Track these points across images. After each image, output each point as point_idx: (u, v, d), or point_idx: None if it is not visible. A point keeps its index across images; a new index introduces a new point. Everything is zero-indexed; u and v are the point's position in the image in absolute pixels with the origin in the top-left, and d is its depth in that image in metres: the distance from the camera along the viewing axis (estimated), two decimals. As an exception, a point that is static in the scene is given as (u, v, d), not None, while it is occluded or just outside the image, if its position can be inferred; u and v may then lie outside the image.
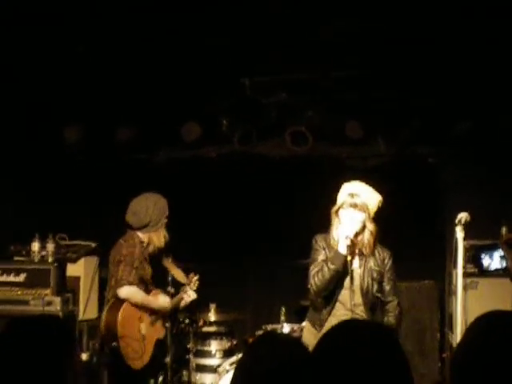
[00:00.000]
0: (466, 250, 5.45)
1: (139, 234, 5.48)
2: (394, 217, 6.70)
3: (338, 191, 4.78)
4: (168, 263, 5.68)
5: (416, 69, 6.21)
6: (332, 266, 4.58)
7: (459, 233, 4.92)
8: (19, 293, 5.95)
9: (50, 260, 6.12)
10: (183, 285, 5.71)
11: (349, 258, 4.58)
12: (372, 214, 4.73)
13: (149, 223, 5.46)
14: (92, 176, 7.14)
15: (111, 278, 5.41)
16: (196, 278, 5.74)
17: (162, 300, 5.52)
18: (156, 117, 6.87)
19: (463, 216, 4.92)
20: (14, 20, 5.72)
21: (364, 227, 4.70)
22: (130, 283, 5.30)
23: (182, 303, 5.72)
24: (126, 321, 5.32)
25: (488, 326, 1.97)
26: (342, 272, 4.62)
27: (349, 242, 4.58)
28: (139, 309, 5.39)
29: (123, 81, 6.55)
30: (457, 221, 4.94)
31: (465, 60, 6.05)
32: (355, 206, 4.64)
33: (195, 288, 5.71)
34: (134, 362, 5.37)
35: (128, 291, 5.31)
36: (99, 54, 6.24)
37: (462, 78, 6.23)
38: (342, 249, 4.59)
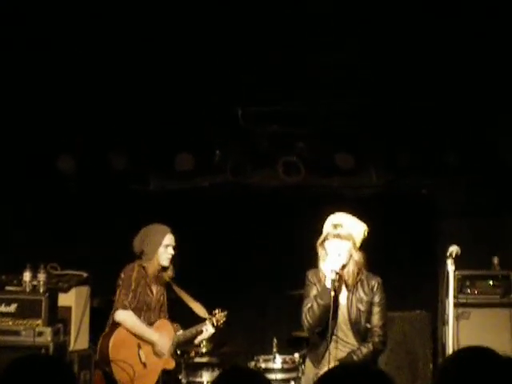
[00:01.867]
0: (457, 280, 5.46)
1: (142, 262, 5.50)
2: (386, 246, 6.74)
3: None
4: (185, 296, 5.65)
5: (406, 100, 6.27)
6: (321, 302, 4.55)
7: (450, 266, 4.93)
8: (10, 323, 5.90)
9: (41, 290, 6.08)
10: (203, 319, 5.61)
11: (332, 293, 4.54)
12: (358, 243, 4.71)
13: (142, 254, 5.47)
14: (84, 206, 7.14)
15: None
16: (224, 314, 5.63)
17: (158, 336, 5.41)
18: (149, 147, 6.90)
19: (454, 249, 4.93)
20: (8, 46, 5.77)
21: (350, 257, 4.68)
22: (124, 307, 5.30)
23: (199, 338, 5.60)
24: (120, 345, 5.30)
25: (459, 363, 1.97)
26: (332, 307, 4.59)
27: (334, 276, 4.55)
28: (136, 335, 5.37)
29: (116, 110, 6.58)
30: (448, 254, 4.95)
31: (453, 88, 6.11)
32: (339, 236, 4.64)
33: (220, 324, 5.59)
34: None
35: (121, 315, 5.32)
36: (92, 83, 6.28)
37: (452, 108, 6.29)
38: (328, 283, 4.57)
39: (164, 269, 5.51)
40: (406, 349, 6.45)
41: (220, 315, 5.56)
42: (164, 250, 5.45)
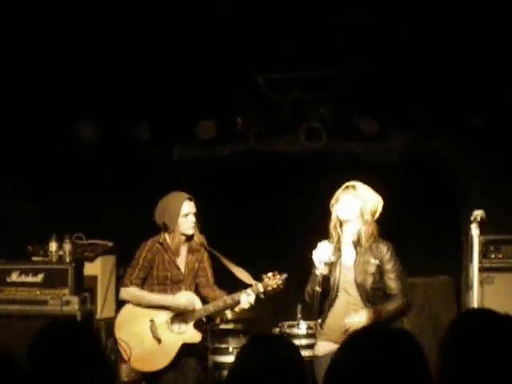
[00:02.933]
0: (482, 245, 5.44)
1: (166, 234, 5.32)
2: (409, 211, 6.71)
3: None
4: (227, 263, 5.36)
5: (429, 64, 6.20)
6: (316, 288, 4.73)
7: (474, 230, 4.93)
8: (38, 293, 6.00)
9: (67, 260, 6.17)
10: (247, 285, 5.23)
11: (318, 273, 4.69)
12: (371, 209, 4.74)
13: (164, 225, 5.29)
14: (108, 174, 7.17)
15: None
16: (278, 278, 5.19)
17: (176, 297, 5.18)
18: (171, 115, 6.89)
19: (478, 213, 4.93)
20: (25, 16, 5.77)
21: (360, 218, 4.73)
22: (125, 285, 5.26)
23: (240, 306, 5.21)
24: (124, 323, 5.24)
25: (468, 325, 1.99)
26: (326, 288, 4.75)
27: (324, 271, 4.68)
28: (150, 310, 5.24)
29: (140, 79, 6.58)
30: (472, 218, 4.94)
31: (477, 52, 6.03)
32: (349, 192, 4.72)
33: (271, 290, 5.16)
34: (136, 365, 5.28)
35: (122, 293, 5.30)
36: (118, 50, 6.27)
37: (475, 69, 6.21)
38: (318, 272, 4.72)
39: (190, 237, 5.31)
40: (429, 314, 6.46)
41: (272, 280, 5.16)
42: (184, 219, 5.21)
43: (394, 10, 5.81)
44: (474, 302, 5.09)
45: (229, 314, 6.04)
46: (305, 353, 5.91)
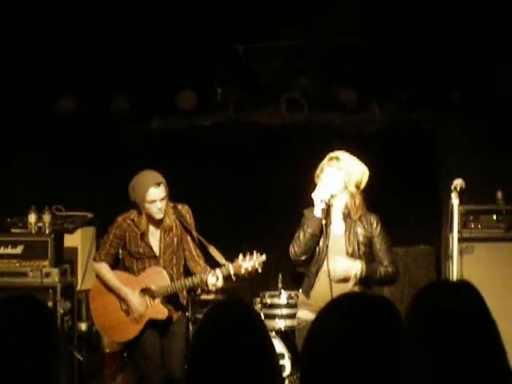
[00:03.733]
0: (461, 215, 5.48)
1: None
2: (389, 183, 6.74)
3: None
4: (203, 241, 5.22)
5: (410, 35, 6.19)
6: (309, 230, 4.62)
7: (454, 199, 4.96)
8: (17, 265, 5.97)
9: (47, 231, 6.13)
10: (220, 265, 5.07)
11: (323, 221, 4.59)
12: (355, 181, 4.71)
13: (134, 203, 5.16)
14: (87, 146, 7.12)
15: None
16: (261, 259, 4.99)
17: (131, 297, 5.12)
18: (150, 85, 6.83)
19: (458, 183, 4.96)
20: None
21: (345, 190, 4.70)
22: (95, 260, 5.32)
23: (211, 287, 5.04)
24: (97, 294, 5.31)
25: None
26: (319, 236, 4.65)
27: (323, 206, 4.59)
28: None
29: (118, 50, 6.52)
30: (452, 187, 4.98)
31: (458, 25, 6.03)
32: (333, 165, 4.67)
33: (247, 272, 4.97)
34: (108, 335, 5.45)
35: (94, 268, 5.34)
36: (92, 24, 6.20)
37: (455, 42, 6.21)
38: (317, 212, 4.62)
39: (160, 220, 5.15)
40: (409, 283, 6.51)
41: (247, 262, 4.97)
42: (150, 205, 5.02)
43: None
44: (454, 271, 5.14)
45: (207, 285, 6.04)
46: (286, 323, 5.97)
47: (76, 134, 7.08)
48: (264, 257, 5.02)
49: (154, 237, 5.23)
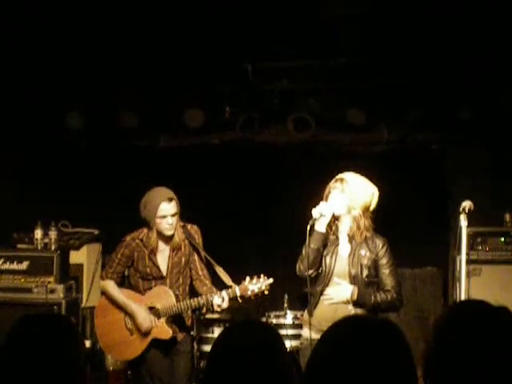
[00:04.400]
0: (469, 237, 5.45)
1: (146, 230, 5.21)
2: (397, 203, 6.70)
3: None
4: (211, 260, 5.23)
5: (419, 55, 6.19)
6: (311, 245, 4.62)
7: (463, 221, 4.94)
8: (22, 280, 5.95)
9: (52, 247, 6.12)
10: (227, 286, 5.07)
11: (332, 236, 4.66)
12: (361, 204, 4.68)
13: (145, 220, 5.17)
14: (94, 163, 7.13)
15: None
16: (268, 282, 5.00)
17: (137, 311, 5.10)
18: (159, 103, 6.85)
19: (466, 204, 4.94)
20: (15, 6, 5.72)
21: (349, 213, 4.69)
22: (102, 277, 5.33)
23: (215, 307, 5.02)
24: (102, 311, 5.31)
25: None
26: (323, 249, 4.66)
27: (317, 216, 4.60)
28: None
29: (126, 67, 6.53)
30: (460, 209, 4.95)
31: (467, 45, 6.03)
32: (337, 187, 4.66)
33: (254, 295, 4.97)
34: (112, 353, 5.47)
35: (101, 286, 5.36)
36: (103, 39, 6.22)
37: (465, 62, 6.21)
38: (318, 227, 4.63)
39: (171, 236, 5.15)
40: (416, 305, 6.48)
41: (253, 284, 4.96)
42: (161, 220, 5.04)
43: (383, 2, 5.79)
44: (461, 293, 5.10)
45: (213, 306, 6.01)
46: (291, 343, 5.92)
47: (83, 151, 7.08)
48: (271, 280, 5.01)
49: (163, 255, 5.22)
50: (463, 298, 5.05)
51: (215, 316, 6.29)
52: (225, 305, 4.98)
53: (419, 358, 2.01)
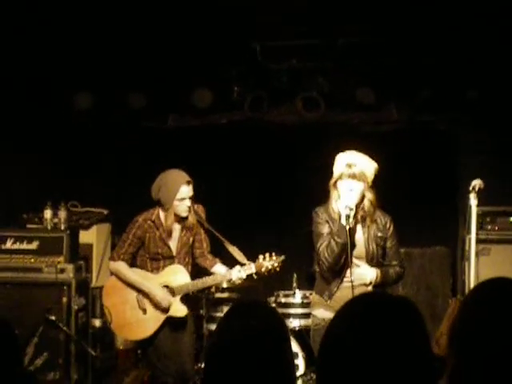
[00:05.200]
0: (478, 216, 5.44)
1: (160, 210, 5.28)
2: (406, 183, 6.70)
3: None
4: (222, 239, 5.35)
5: (428, 35, 6.16)
6: (339, 240, 4.55)
7: (473, 200, 4.93)
8: (32, 260, 5.97)
9: (62, 227, 6.14)
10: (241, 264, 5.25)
11: (347, 227, 4.55)
12: (370, 182, 4.68)
13: (159, 202, 5.25)
14: (103, 143, 7.13)
15: None
16: (280, 259, 5.22)
17: (153, 289, 5.17)
18: (166, 84, 6.83)
19: (476, 183, 4.92)
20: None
21: (363, 197, 4.66)
22: (113, 258, 5.30)
23: (232, 283, 5.37)
24: (111, 292, 5.31)
25: (489, 294, 1.96)
26: (349, 243, 4.59)
27: (348, 212, 4.54)
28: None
29: (134, 48, 6.51)
30: (470, 188, 4.94)
31: (475, 26, 5.99)
32: (354, 176, 4.59)
33: (266, 271, 5.17)
34: (124, 333, 5.42)
35: (111, 266, 5.34)
36: (110, 20, 6.20)
37: (473, 43, 6.17)
38: (344, 220, 4.57)
39: (184, 218, 5.25)
40: (425, 284, 6.47)
41: (267, 261, 5.17)
42: (179, 202, 5.15)
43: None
44: (470, 273, 5.09)
45: (224, 283, 6.06)
46: (300, 322, 5.95)
47: (92, 130, 7.08)
48: (283, 257, 5.21)
49: (174, 235, 5.29)
50: (472, 277, 5.04)
51: (224, 295, 6.32)
52: (241, 279, 5.20)
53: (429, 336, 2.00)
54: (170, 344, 5.22)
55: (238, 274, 5.15)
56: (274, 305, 6.07)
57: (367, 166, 4.67)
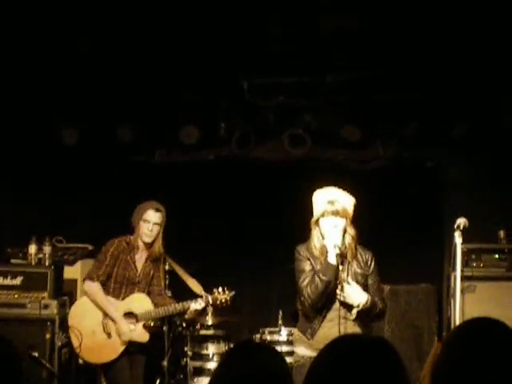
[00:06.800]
0: (463, 253, 5.45)
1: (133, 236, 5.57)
2: (392, 220, 6.72)
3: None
4: (181, 272, 5.73)
5: (413, 72, 6.21)
6: (324, 278, 4.49)
7: (458, 238, 4.94)
8: (16, 296, 5.93)
9: (47, 263, 6.10)
10: (198, 296, 5.60)
11: (340, 267, 4.52)
12: (351, 217, 4.67)
13: (132, 225, 5.57)
14: (90, 178, 7.13)
15: None
16: (227, 294, 5.56)
17: (120, 321, 5.37)
18: (154, 119, 6.85)
19: (461, 221, 4.94)
20: (14, 18, 5.72)
21: (345, 232, 4.63)
22: (91, 278, 5.44)
23: (189, 314, 5.58)
24: (79, 313, 5.45)
25: (470, 333, 1.97)
26: (334, 282, 4.54)
27: (338, 251, 4.52)
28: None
29: (123, 82, 6.54)
30: (455, 226, 4.96)
31: (462, 61, 6.05)
32: (337, 213, 4.56)
33: (220, 304, 5.53)
34: (84, 355, 5.47)
35: (86, 286, 5.48)
36: (100, 54, 6.23)
37: (460, 76, 6.23)
38: (333, 259, 4.51)
39: (150, 245, 5.51)
40: (411, 322, 6.46)
41: (221, 295, 5.52)
42: (143, 224, 5.45)
43: (380, 19, 5.80)
44: (456, 310, 5.09)
45: (209, 320, 6.05)
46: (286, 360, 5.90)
47: (78, 165, 7.08)
48: (233, 292, 5.58)
49: (139, 264, 5.54)
50: (458, 314, 5.04)
51: (209, 332, 6.28)
52: (199, 309, 5.51)
53: (414, 375, 2.00)
54: (127, 372, 5.39)
55: (195, 305, 5.44)
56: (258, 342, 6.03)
57: (348, 201, 4.67)
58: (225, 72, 6.46)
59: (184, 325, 6.09)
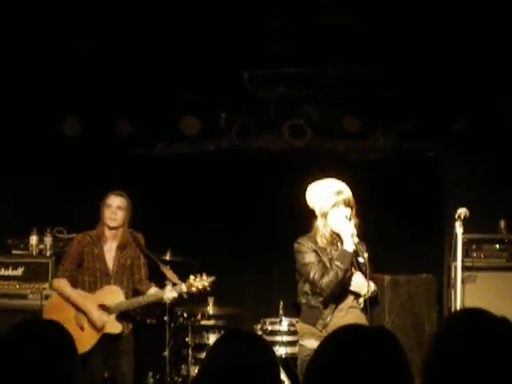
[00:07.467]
0: (464, 244, 5.46)
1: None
2: (392, 211, 6.72)
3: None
4: (157, 261, 5.66)
5: (415, 63, 6.21)
6: (342, 266, 4.49)
7: (458, 228, 4.95)
8: (17, 287, 5.96)
9: (48, 254, 6.12)
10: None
11: (353, 253, 4.55)
12: (355, 207, 4.69)
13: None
14: (90, 170, 7.13)
15: None
16: (210, 279, 5.45)
17: (91, 309, 5.35)
18: (155, 111, 6.85)
19: (462, 211, 4.95)
20: (15, 13, 5.72)
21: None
22: (57, 276, 5.45)
23: (167, 301, 5.50)
24: (52, 310, 5.43)
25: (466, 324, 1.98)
26: (351, 271, 4.57)
27: (357, 240, 4.54)
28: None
29: (123, 74, 6.53)
30: (456, 216, 4.96)
31: (464, 54, 6.05)
32: (348, 202, 4.61)
33: (197, 290, 5.42)
34: None
35: (54, 284, 5.48)
36: (99, 47, 6.23)
37: (461, 71, 6.23)
38: (350, 247, 4.53)
39: (114, 229, 5.50)
40: (411, 312, 6.46)
41: (197, 281, 5.40)
42: (105, 210, 5.51)
43: (381, 13, 5.80)
44: (456, 300, 5.10)
45: (210, 310, 6.06)
46: (287, 350, 5.93)
47: (79, 158, 7.08)
48: (213, 277, 5.46)
49: (110, 254, 5.51)
50: (458, 305, 5.05)
51: (210, 323, 6.30)
52: (172, 298, 5.42)
53: (415, 365, 2.01)
54: (100, 363, 5.40)
55: (170, 293, 5.40)
56: (260, 332, 6.05)
57: (348, 189, 4.69)
58: (225, 63, 6.46)
59: (185, 315, 6.11)
